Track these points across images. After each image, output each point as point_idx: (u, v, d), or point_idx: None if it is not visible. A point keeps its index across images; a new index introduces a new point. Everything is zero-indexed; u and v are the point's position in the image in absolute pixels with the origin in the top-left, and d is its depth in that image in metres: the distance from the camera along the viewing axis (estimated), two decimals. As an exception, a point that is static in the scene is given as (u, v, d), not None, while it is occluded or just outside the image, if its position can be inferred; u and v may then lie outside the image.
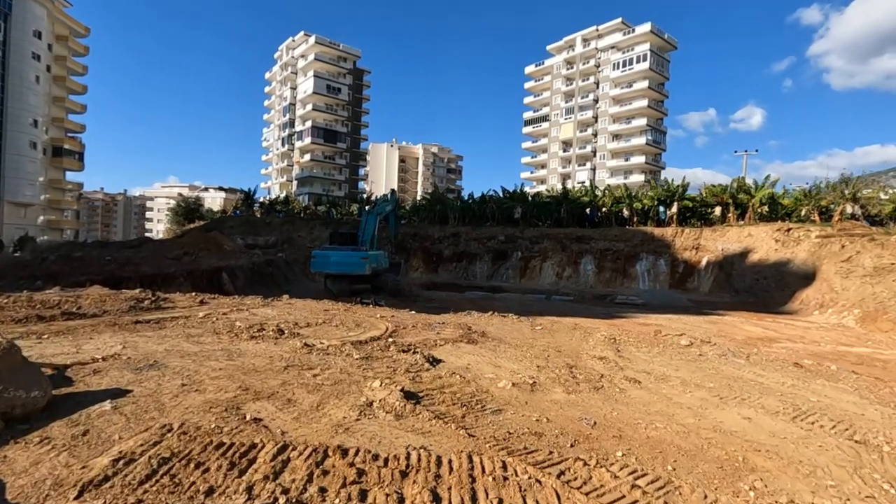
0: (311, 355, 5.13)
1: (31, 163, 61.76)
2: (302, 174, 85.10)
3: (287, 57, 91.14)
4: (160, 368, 4.41)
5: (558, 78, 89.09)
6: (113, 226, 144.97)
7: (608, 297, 28.20)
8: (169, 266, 17.22)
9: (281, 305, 9.17)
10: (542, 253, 36.49)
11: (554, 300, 26.58)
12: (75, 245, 24.57)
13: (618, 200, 38.20)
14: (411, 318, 8.63)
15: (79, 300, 9.01)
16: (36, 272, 12.90)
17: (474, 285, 33.06)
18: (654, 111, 78.47)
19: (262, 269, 23.04)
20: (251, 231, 40.68)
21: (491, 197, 41.55)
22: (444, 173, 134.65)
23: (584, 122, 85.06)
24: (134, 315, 7.63)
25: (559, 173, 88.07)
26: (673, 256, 35.14)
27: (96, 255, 19.97)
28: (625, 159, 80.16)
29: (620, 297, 23.25)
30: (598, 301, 28.13)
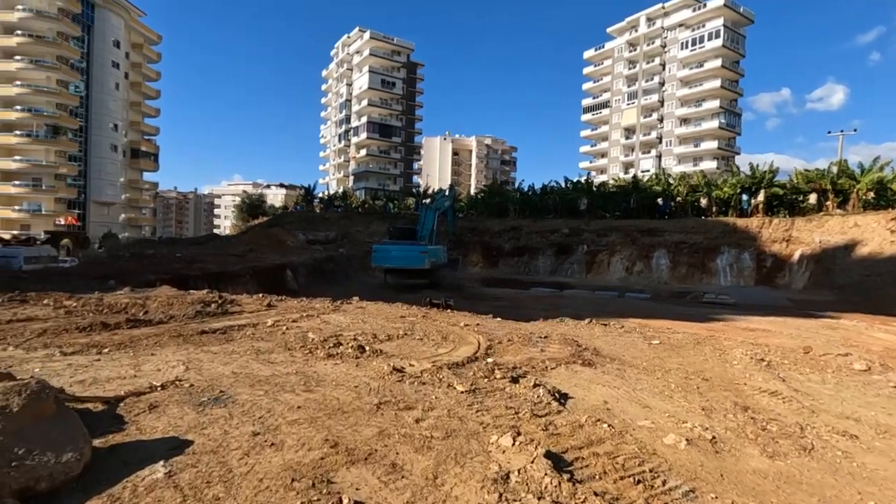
0: (403, 384, 4.12)
1: (113, 164, 66.17)
2: (358, 169, 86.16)
3: (343, 54, 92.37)
4: (227, 404, 3.54)
5: (620, 61, 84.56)
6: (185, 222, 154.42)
7: (689, 294, 25.82)
8: (234, 263, 17.11)
9: (352, 310, 8.34)
10: (609, 246, 34.32)
11: (629, 298, 24.64)
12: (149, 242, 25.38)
13: (694, 189, 35.21)
14: (499, 327, 7.52)
15: (146, 303, 8.61)
16: (110, 271, 12.94)
17: (537, 281, 31.52)
18: (728, 92, 72.66)
19: (323, 266, 22.78)
20: (311, 226, 41.17)
21: (552, 188, 39.64)
22: (497, 165, 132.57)
23: (649, 107, 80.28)
24: (200, 322, 7.00)
25: (621, 162, 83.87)
26: (759, 249, 31.94)
27: (167, 252, 20.37)
28: (694, 145, 74.94)
29: (708, 295, 21.05)
30: (677, 299, 25.81)
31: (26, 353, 4.98)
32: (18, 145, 56.81)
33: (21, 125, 57.12)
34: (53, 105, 58.35)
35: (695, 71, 73.60)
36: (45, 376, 4.16)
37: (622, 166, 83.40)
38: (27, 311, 7.34)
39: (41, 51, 57.11)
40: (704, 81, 72.81)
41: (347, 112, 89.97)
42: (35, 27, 56.65)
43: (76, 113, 61.61)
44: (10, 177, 57.42)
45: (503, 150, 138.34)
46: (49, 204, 58.90)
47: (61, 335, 5.95)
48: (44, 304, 8.16)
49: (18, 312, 7.24)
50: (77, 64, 61.73)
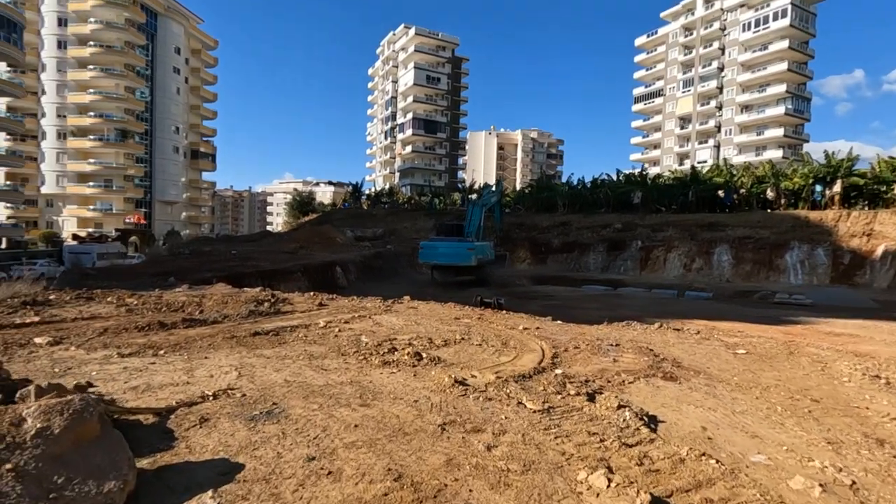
0: (467, 400, 3.73)
1: (175, 165, 69.85)
2: (403, 166, 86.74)
3: (388, 51, 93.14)
4: (279, 419, 3.27)
5: (674, 47, 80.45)
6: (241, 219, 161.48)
7: (756, 293, 24.03)
8: (286, 260, 17.35)
9: (404, 311, 8.05)
10: (665, 242, 32.60)
11: (689, 297, 23.25)
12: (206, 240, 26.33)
13: (760, 180, 32.78)
14: (561, 331, 7.00)
15: (202, 300, 8.67)
16: (170, 268, 13.37)
17: (588, 278, 30.39)
18: (796, 75, 67.47)
19: (372, 262, 22.84)
20: (358, 223, 41.71)
21: (603, 181, 38.07)
22: (543, 159, 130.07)
23: (706, 95, 75.94)
24: (253, 322, 6.90)
25: (675, 153, 79.93)
26: (835, 245, 29.37)
27: (223, 250, 21.00)
28: (757, 133, 70.21)
29: (780, 295, 19.43)
30: (742, 298, 24.10)
31: (86, 354, 4.97)
32: (92, 149, 60.96)
33: (94, 130, 61.25)
34: (122, 110, 62.19)
35: (758, 54, 68.83)
36: (100, 380, 4.05)
37: (676, 157, 79.54)
38: (92, 309, 7.51)
39: (111, 59, 60.92)
40: (769, 65, 67.95)
41: (393, 109, 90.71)
42: (105, 38, 60.47)
43: (142, 117, 65.37)
44: (86, 178, 61.75)
45: (549, 143, 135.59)
46: (119, 203, 62.92)
47: (121, 334, 5.96)
48: (108, 301, 8.35)
49: (84, 310, 7.41)
50: (142, 71, 65.45)
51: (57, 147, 61.84)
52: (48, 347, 5.26)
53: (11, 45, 38.69)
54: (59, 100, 61.46)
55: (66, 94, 61.33)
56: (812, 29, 68.41)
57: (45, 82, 61.40)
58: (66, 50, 60.95)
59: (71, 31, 60.56)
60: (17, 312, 7.19)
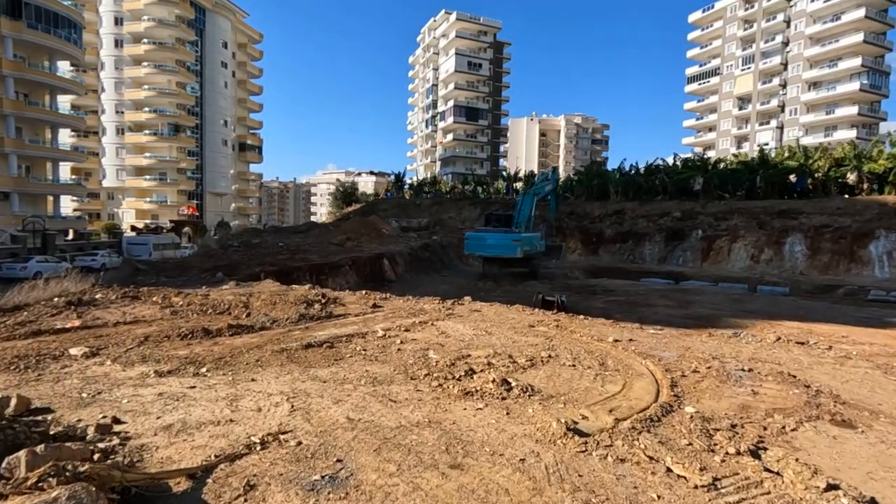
0: (591, 460, 2.78)
1: (224, 158, 71.79)
2: (445, 154, 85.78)
3: (429, 38, 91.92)
4: (347, 488, 2.42)
5: (733, 22, 75.15)
6: (286, 210, 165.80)
7: (841, 288, 21.67)
8: (334, 253, 16.86)
9: (468, 315, 7.16)
10: (730, 231, 30.21)
11: (762, 292, 21.24)
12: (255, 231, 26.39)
13: (839, 163, 29.71)
14: (661, 344, 5.91)
15: (250, 300, 8.09)
16: (219, 263, 13.06)
17: (646, 270, 28.58)
18: (873, 47, 61.45)
19: (419, 254, 22.13)
20: (403, 213, 41.23)
21: (658, 167, 35.71)
22: (588, 145, 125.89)
23: (769, 72, 70.56)
24: (303, 329, 6.19)
25: (733, 135, 75.00)
26: (930, 234, 26.27)
27: (271, 242, 20.82)
28: (826, 112, 64.68)
29: (876, 292, 17.28)
30: (825, 294, 21.81)
31: (122, 370, 4.35)
32: (147, 143, 63.43)
33: (148, 125, 63.64)
34: (174, 105, 64.27)
35: (829, 25, 63.18)
36: (130, 412, 3.35)
37: (734, 140, 74.64)
38: (136, 311, 7.03)
39: (163, 56, 62.88)
40: (842, 37, 62.20)
41: (434, 97, 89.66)
42: (157, 35, 62.42)
43: (192, 111, 67.37)
44: (142, 172, 64.44)
45: (594, 128, 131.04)
46: (173, 195, 65.36)
47: (162, 344, 5.36)
48: (153, 301, 7.89)
49: (128, 312, 6.94)
50: (192, 66, 67.29)
51: (116, 142, 64.72)
52: (83, 361, 4.69)
53: (72, 45, 40.23)
54: (117, 96, 64.14)
55: (123, 91, 63.91)
56: (894, -5, 61.96)
57: (103, 80, 64.19)
58: (123, 48, 63.38)
59: (126, 29, 62.85)
60: (60, 314, 6.78)
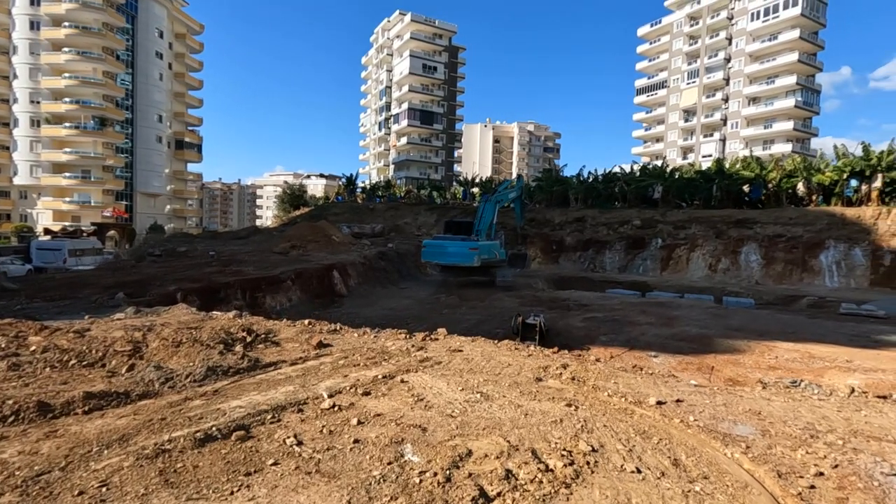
0: None
1: (158, 156, 66.18)
2: (398, 158, 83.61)
3: (383, 39, 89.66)
4: None
5: (679, 37, 78.04)
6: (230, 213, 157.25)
7: (804, 298, 21.60)
8: (276, 264, 14.52)
9: (447, 358, 5.33)
10: (689, 240, 30.13)
11: (729, 304, 20.74)
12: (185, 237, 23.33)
13: (790, 174, 30.36)
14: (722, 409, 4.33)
15: (146, 338, 5.87)
16: (125, 279, 10.49)
17: (609, 279, 27.87)
18: (806, 66, 65.36)
19: (374, 264, 20.06)
20: (355, 218, 38.82)
21: (617, 174, 35.43)
22: (540, 152, 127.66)
23: (712, 86, 73.71)
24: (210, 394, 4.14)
25: (679, 146, 77.80)
26: (874, 245, 27.09)
27: (203, 250, 18.10)
28: (764, 126, 68.15)
29: (847, 305, 16.94)
30: (788, 305, 21.67)
31: None
32: (68, 137, 57.26)
33: (70, 117, 57.51)
34: (100, 97, 58.47)
35: (767, 44, 66.68)
36: None
37: (680, 151, 77.46)
38: (-42, 363, 4.68)
39: (88, 42, 57.11)
40: (779, 55, 65.81)
41: (388, 99, 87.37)
42: (81, 18, 56.62)
43: (122, 104, 61.65)
44: (61, 168, 58.09)
45: (546, 136, 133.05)
46: (98, 195, 59.34)
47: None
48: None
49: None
50: (122, 55, 61.65)
51: (30, 135, 58.02)
52: None
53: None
54: (33, 85, 57.58)
55: (40, 79, 57.46)
56: (822, 18, 66.29)
57: (16, 66, 57.44)
58: (40, 31, 56.99)
59: (44, 10, 56.58)
60: None
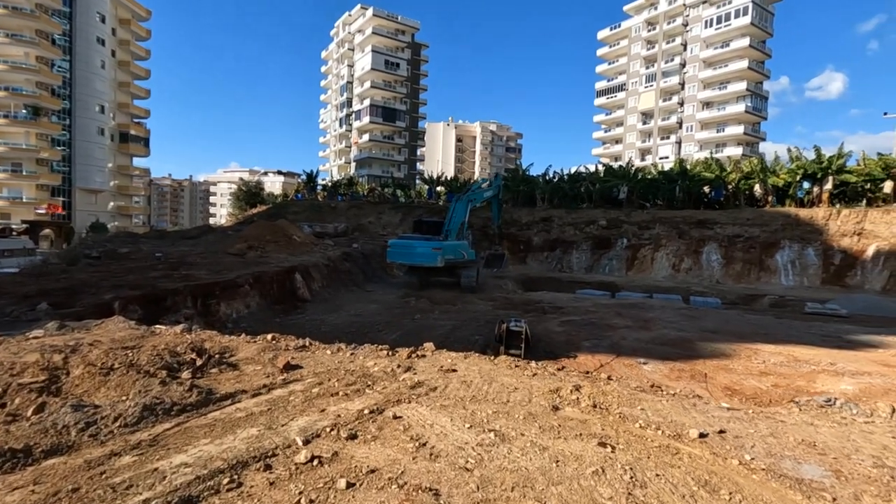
0: None
1: (100, 149, 61.72)
2: (360, 155, 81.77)
3: (343, 33, 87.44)
4: None
5: (637, 41, 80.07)
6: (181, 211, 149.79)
7: (765, 297, 22.12)
8: (231, 267, 13.23)
9: (442, 383, 4.52)
10: (653, 240, 30.52)
11: (696, 304, 20.90)
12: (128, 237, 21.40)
13: (747, 176, 31.29)
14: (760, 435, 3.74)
15: (68, 363, 4.76)
16: (51, 286, 9.05)
17: (577, 280, 27.78)
18: (756, 73, 68.41)
19: (339, 265, 18.94)
20: (316, 217, 37.24)
21: (582, 174, 35.57)
22: (502, 152, 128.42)
23: (668, 90, 76.04)
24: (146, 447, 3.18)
25: (637, 148, 79.86)
26: (825, 244, 28.26)
27: (147, 251, 16.47)
28: (717, 130, 70.92)
29: (812, 305, 17.27)
30: (749, 304, 22.11)
31: None
32: (-4, 127, 52.39)
33: (-2, 105, 52.65)
34: (33, 84, 53.84)
35: (719, 51, 69.34)
36: None
37: (638, 153, 79.51)
38: None
39: (18, 24, 52.44)
40: (730, 62, 68.56)
41: (349, 95, 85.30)
42: (11, -2, 51.89)
43: (59, 93, 57.06)
44: (-12, 161, 53.11)
45: (508, 136, 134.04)
46: (31, 191, 54.66)
47: None
48: None
49: None
50: (59, 40, 57.06)
51: (-48, 124, 52.70)
52: None
53: None
54: (-46, 69, 52.29)
55: (-37, 63, 52.24)
56: (770, 28, 69.53)
57: (-66, 47, 52.02)
58: (-38, 10, 51.81)
59: (-33, -13, 51.50)
60: None
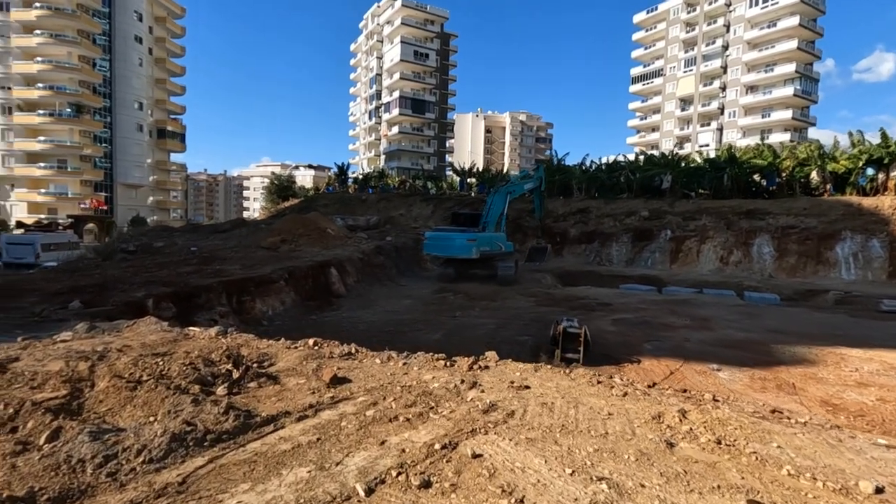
0: None
1: (138, 145, 63.37)
2: (389, 148, 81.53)
3: (372, 25, 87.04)
4: None
5: (676, 24, 76.69)
6: (216, 205, 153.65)
7: (832, 294, 20.46)
8: (264, 261, 12.82)
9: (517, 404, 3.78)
10: (699, 232, 28.85)
11: (752, 300, 19.45)
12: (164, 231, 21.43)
13: (803, 162, 29.17)
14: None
15: (93, 374, 4.25)
16: (82, 282, 8.75)
17: (617, 274, 26.52)
18: (805, 54, 64.42)
19: (372, 259, 18.44)
20: (346, 209, 37.01)
21: (622, 164, 34.00)
22: (532, 143, 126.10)
23: (709, 75, 72.61)
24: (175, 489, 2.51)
25: (675, 136, 76.76)
26: (893, 236, 26.03)
27: (182, 245, 16.29)
28: (762, 116, 67.27)
29: (889, 302, 15.71)
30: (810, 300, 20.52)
31: None
32: (42, 125, 54.34)
33: (43, 104, 54.56)
34: (76, 82, 55.52)
35: (765, 31, 65.60)
36: None
37: (676, 141, 76.36)
38: None
39: (61, 24, 54.07)
40: (777, 43, 64.76)
41: (378, 87, 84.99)
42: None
43: (100, 91, 58.72)
44: (35, 158, 55.21)
45: (538, 126, 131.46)
46: (75, 186, 56.58)
47: None
48: None
49: None
50: (99, 39, 58.62)
51: (2, 123, 54.97)
52: None
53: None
54: (3, 70, 54.44)
55: (11, 63, 54.33)
56: (822, 5, 65.30)
57: (-16, 49, 54.30)
58: (9, 12, 53.79)
59: (13, -11, 53.40)
60: None
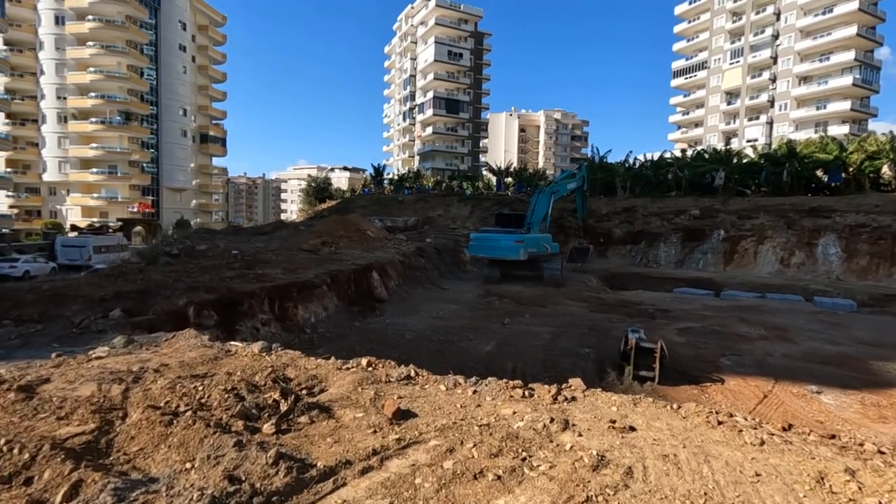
0: None
1: (182, 150, 65.44)
2: (424, 149, 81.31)
3: (406, 26, 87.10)
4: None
5: (721, 14, 73.18)
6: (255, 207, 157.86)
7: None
8: (306, 264, 12.45)
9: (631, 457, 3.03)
10: (756, 231, 27.05)
11: (823, 305, 17.88)
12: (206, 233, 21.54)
13: (872, 156, 26.89)
14: None
15: (125, 401, 3.76)
16: (125, 288, 8.52)
17: (667, 276, 25.13)
18: (865, 41, 60.15)
19: (413, 262, 17.92)
20: (383, 210, 36.83)
21: (670, 161, 32.34)
22: (567, 141, 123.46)
23: (758, 66, 68.87)
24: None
25: (720, 131, 73.25)
26: (979, 234, 23.66)
27: (225, 247, 16.18)
28: (816, 108, 63.22)
29: None
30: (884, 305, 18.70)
31: None
32: (94, 132, 56.77)
33: (95, 112, 57.01)
34: (125, 91, 57.77)
35: (820, 18, 61.62)
36: None
37: (722, 136, 72.91)
38: None
39: (111, 36, 56.35)
40: (834, 30, 60.69)
41: (412, 88, 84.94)
42: (104, 11, 55.82)
43: (146, 98, 60.94)
44: (88, 164, 57.72)
45: (573, 124, 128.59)
46: (124, 191, 58.85)
47: None
48: None
49: None
50: (146, 49, 60.83)
51: (58, 131, 57.78)
52: None
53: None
54: (59, 80, 57.22)
55: (66, 74, 57.04)
56: (885, -13, 60.85)
57: (42, 61, 57.16)
58: (65, 26, 56.51)
59: (68, 4, 55.99)
60: None
